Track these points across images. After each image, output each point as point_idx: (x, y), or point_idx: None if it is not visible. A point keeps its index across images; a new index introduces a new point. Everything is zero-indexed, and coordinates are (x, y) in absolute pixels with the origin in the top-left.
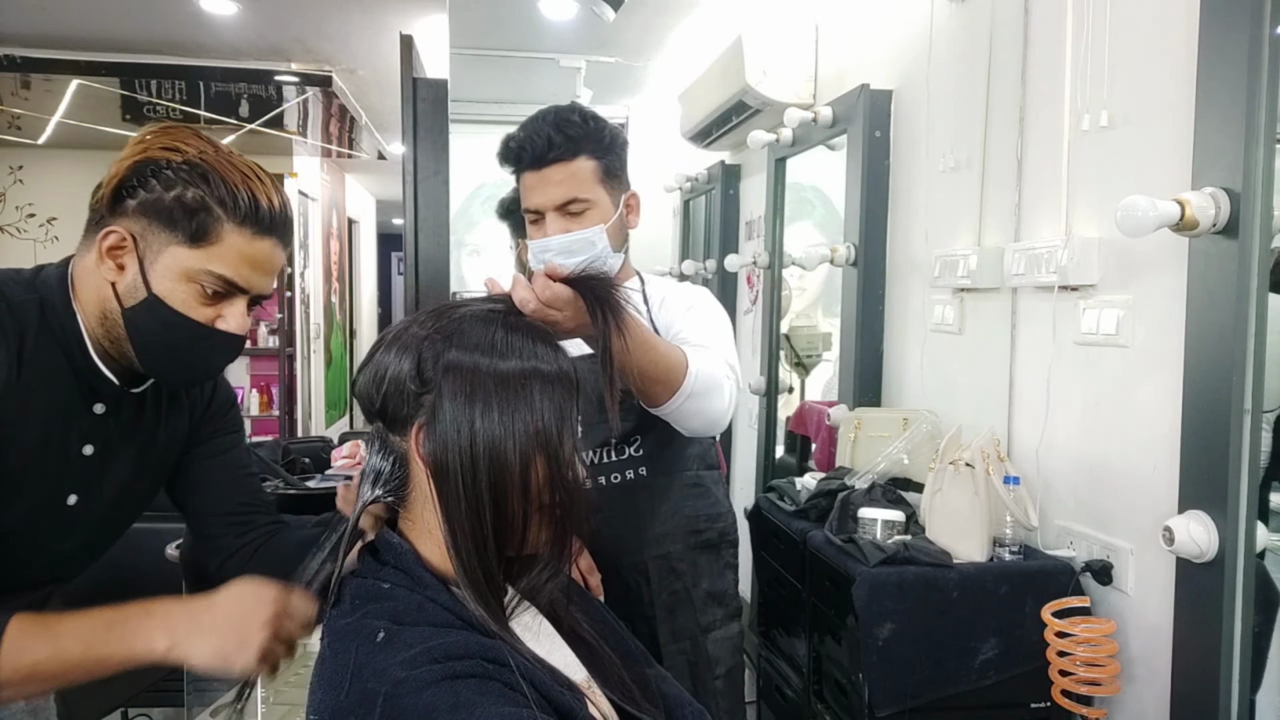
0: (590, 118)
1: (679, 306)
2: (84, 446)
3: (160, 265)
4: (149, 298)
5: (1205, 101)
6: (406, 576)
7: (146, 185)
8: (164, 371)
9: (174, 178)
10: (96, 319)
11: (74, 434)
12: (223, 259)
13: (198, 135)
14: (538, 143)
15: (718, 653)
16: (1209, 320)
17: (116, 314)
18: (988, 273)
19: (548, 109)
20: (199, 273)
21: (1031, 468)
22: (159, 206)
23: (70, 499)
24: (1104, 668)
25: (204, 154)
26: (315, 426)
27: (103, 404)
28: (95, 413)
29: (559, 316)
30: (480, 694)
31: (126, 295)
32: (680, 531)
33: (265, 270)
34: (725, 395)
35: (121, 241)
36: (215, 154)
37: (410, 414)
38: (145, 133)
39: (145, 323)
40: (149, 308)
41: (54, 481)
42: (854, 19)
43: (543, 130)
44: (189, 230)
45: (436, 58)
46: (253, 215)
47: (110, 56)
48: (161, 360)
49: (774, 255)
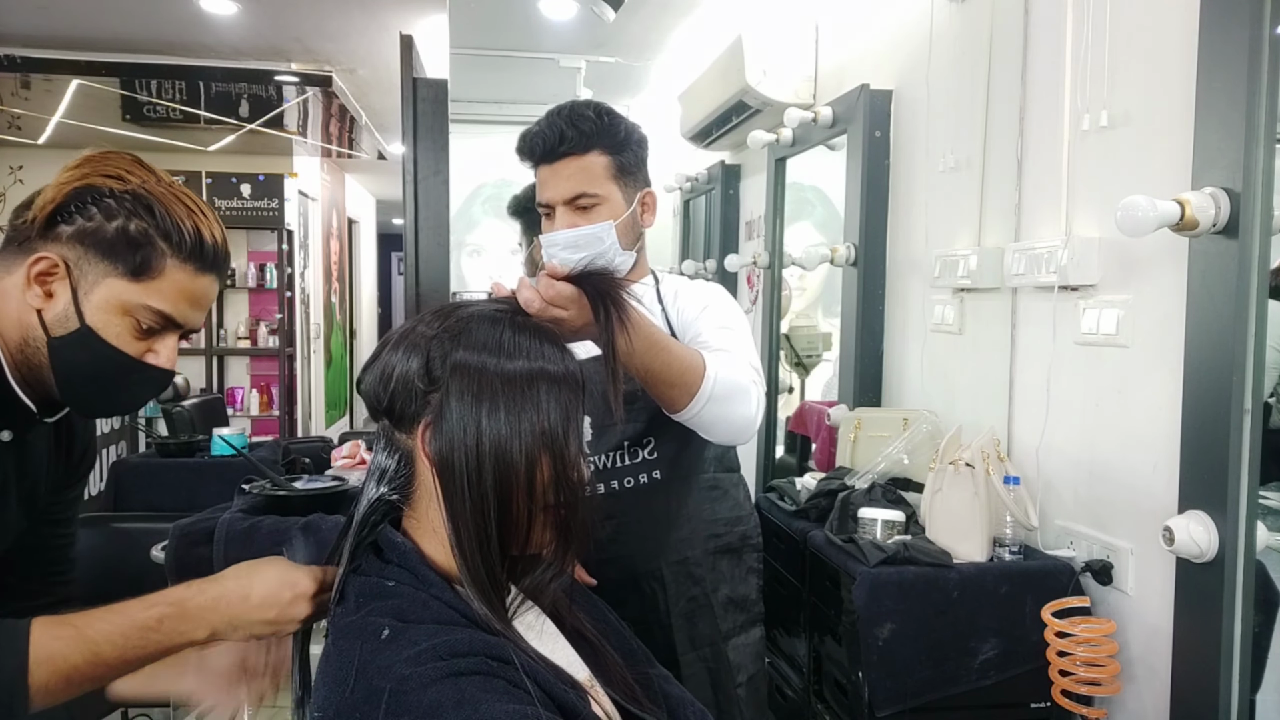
0: (605, 113)
1: (694, 305)
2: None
3: (96, 296)
4: (81, 329)
5: (1205, 101)
6: (410, 575)
7: (85, 212)
8: (84, 402)
9: (116, 207)
10: (16, 344)
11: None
12: (163, 294)
13: (140, 163)
14: (550, 136)
15: (739, 659)
16: (1209, 320)
17: (40, 341)
18: (988, 273)
19: (566, 103)
20: (137, 307)
21: (1031, 468)
22: (99, 236)
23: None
24: (1104, 668)
25: (147, 184)
26: (315, 426)
27: (10, 431)
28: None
29: (565, 314)
30: (484, 691)
31: (55, 324)
32: (699, 536)
33: (202, 306)
34: (752, 400)
35: (53, 268)
36: (159, 185)
37: (417, 412)
38: (85, 157)
39: (73, 353)
40: (80, 339)
41: None
42: (854, 19)
43: (555, 124)
44: (131, 263)
45: (436, 58)
46: (197, 251)
47: (110, 56)
48: (83, 391)
49: (774, 255)
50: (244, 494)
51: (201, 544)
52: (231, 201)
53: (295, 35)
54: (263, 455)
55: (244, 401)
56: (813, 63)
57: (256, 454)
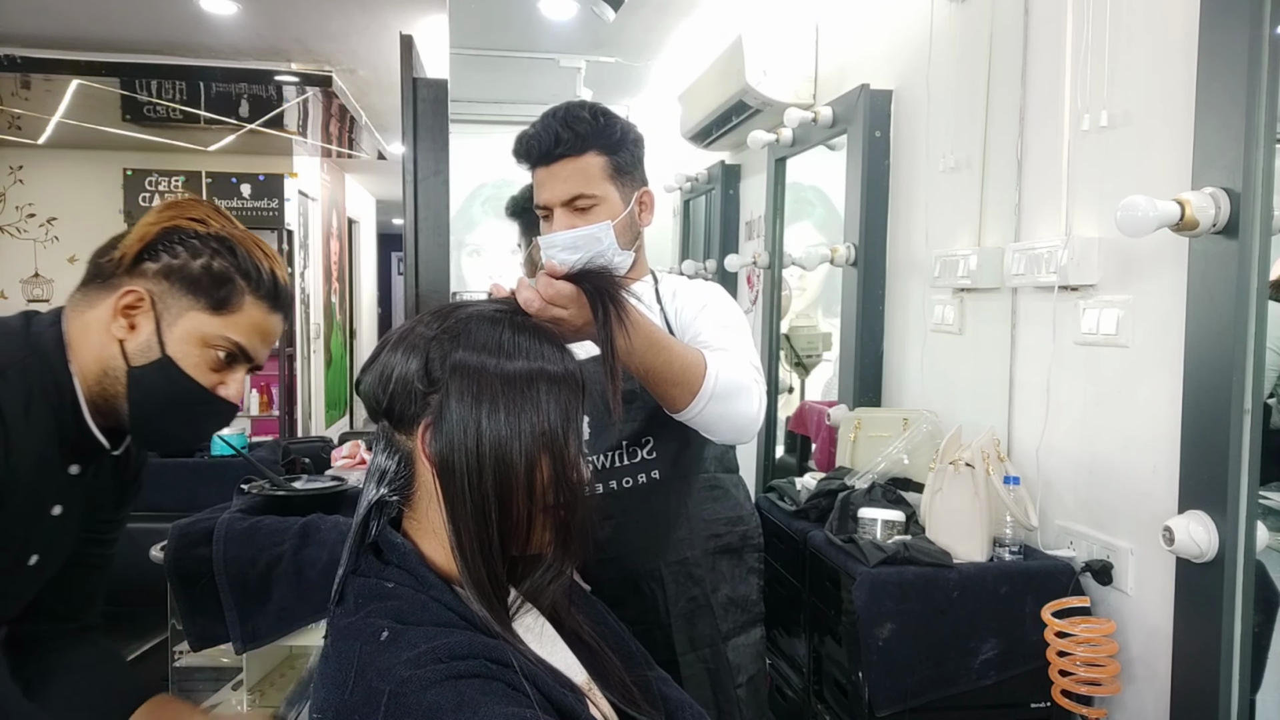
0: (600, 114)
1: (693, 304)
2: (54, 507)
3: (179, 328)
4: (162, 358)
5: (1205, 101)
6: (410, 576)
7: (172, 251)
8: (153, 433)
9: (201, 247)
10: (94, 376)
11: (49, 494)
12: (239, 328)
13: (220, 211)
14: (546, 138)
15: (739, 660)
16: (1209, 320)
17: (119, 371)
18: (988, 273)
19: (561, 105)
20: (217, 338)
21: (1031, 468)
22: (184, 272)
23: (32, 559)
24: (1104, 668)
25: (227, 229)
26: (315, 426)
27: (78, 465)
28: (70, 473)
29: (564, 314)
30: (483, 694)
31: (136, 354)
32: (699, 536)
33: (269, 342)
34: (754, 399)
35: (139, 301)
36: (237, 230)
37: (417, 413)
38: (170, 202)
39: (152, 382)
40: (160, 368)
41: (21, 543)
42: (854, 19)
43: (551, 126)
44: (214, 297)
45: (436, 58)
46: (271, 291)
47: (110, 56)
48: (154, 421)
49: (774, 255)
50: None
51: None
52: (231, 201)
53: (295, 35)
54: (262, 455)
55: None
56: (813, 63)
57: (256, 454)
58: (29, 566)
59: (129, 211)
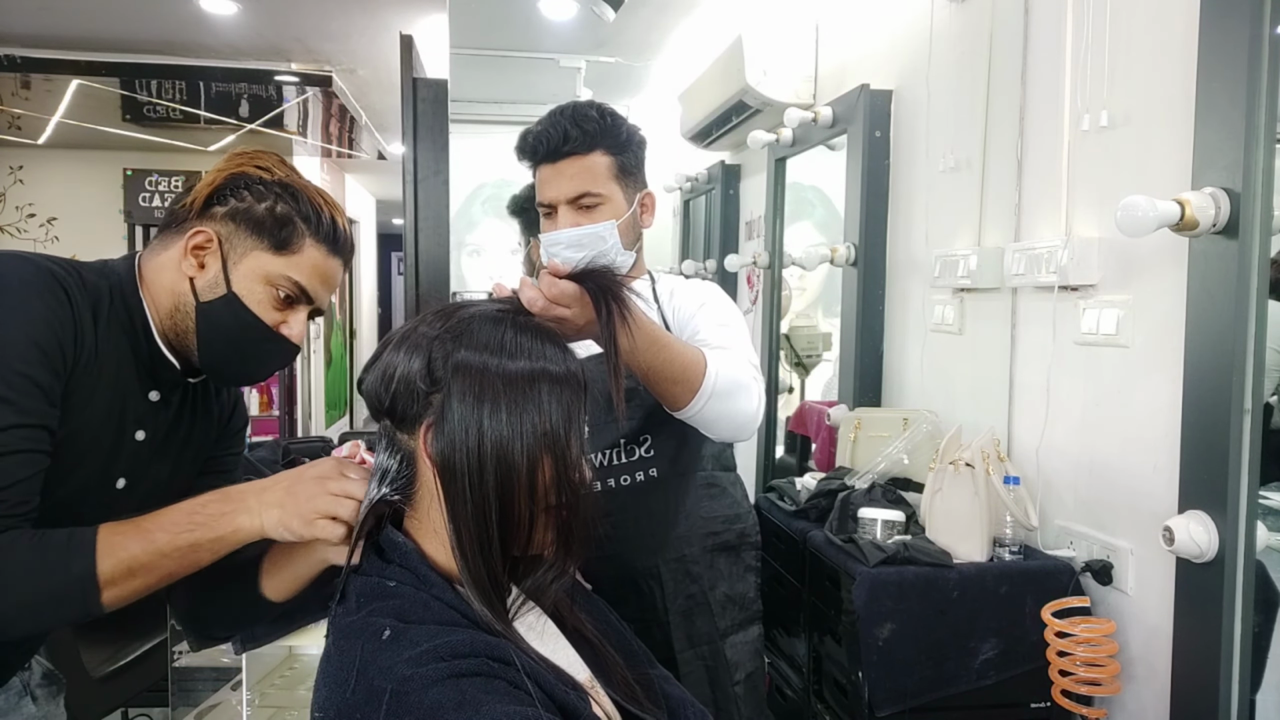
0: (608, 114)
1: (691, 303)
2: (137, 431)
3: (243, 267)
4: (228, 294)
5: (1205, 101)
6: (412, 575)
7: (239, 195)
8: (221, 366)
9: (265, 191)
10: (167, 310)
11: (130, 417)
12: (300, 268)
13: (284, 162)
14: (553, 136)
15: (737, 657)
16: (1209, 320)
17: (190, 306)
18: (988, 273)
19: (568, 104)
20: (279, 277)
21: (1031, 468)
22: (250, 215)
23: (119, 482)
24: (1104, 668)
25: (291, 176)
26: (315, 426)
27: (158, 391)
28: (150, 399)
29: (567, 313)
30: (485, 692)
31: (204, 290)
32: (696, 534)
33: (330, 286)
34: (753, 397)
35: (207, 241)
36: (300, 179)
37: (419, 413)
38: (238, 152)
39: (219, 317)
40: (226, 303)
41: (106, 462)
42: (854, 19)
43: (559, 124)
44: (276, 238)
45: (436, 58)
46: (330, 235)
47: (110, 56)
48: (221, 355)
49: (774, 255)
50: None
51: None
52: None
53: (295, 35)
54: (262, 455)
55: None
56: (813, 63)
57: (256, 454)
58: (117, 489)
59: (129, 211)
